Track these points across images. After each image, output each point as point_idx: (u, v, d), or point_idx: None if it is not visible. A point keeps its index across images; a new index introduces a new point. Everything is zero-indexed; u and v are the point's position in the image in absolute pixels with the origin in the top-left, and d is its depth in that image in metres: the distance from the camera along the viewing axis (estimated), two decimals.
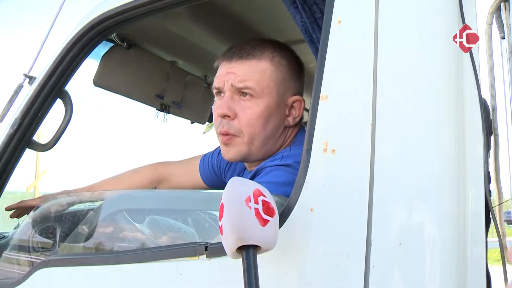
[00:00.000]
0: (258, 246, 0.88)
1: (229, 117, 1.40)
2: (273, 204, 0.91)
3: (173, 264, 1.09)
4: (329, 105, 1.01)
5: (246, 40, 1.48)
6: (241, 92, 1.40)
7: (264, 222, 0.88)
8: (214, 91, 1.47)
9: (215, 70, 1.49)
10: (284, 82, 1.43)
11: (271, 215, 0.89)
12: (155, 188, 1.98)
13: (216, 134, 1.48)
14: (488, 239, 0.99)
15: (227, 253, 0.90)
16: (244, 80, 1.39)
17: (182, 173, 1.96)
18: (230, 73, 1.41)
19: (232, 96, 1.41)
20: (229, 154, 1.45)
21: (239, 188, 0.92)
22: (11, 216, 1.92)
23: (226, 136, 1.42)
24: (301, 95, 1.48)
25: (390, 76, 0.99)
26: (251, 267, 0.86)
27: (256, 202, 0.89)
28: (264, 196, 0.91)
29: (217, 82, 1.45)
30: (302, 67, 1.51)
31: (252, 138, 1.41)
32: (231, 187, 0.92)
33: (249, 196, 0.89)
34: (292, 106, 1.46)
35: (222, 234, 0.90)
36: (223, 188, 1.84)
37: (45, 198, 1.93)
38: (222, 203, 0.91)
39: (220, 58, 1.47)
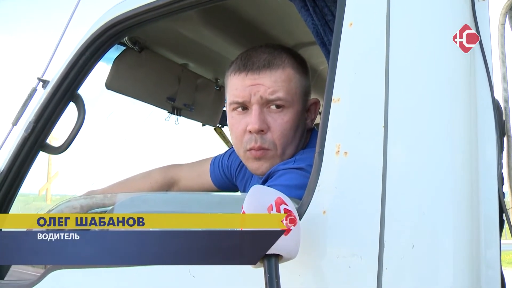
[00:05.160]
0: (280, 255, 0.88)
1: (263, 131, 1.36)
2: (295, 213, 0.91)
3: (186, 266, 1.10)
4: (341, 107, 1.02)
5: (255, 48, 1.44)
6: (270, 103, 1.36)
7: (286, 231, 0.88)
8: (234, 105, 1.39)
9: (227, 82, 1.44)
10: (304, 86, 1.43)
11: (293, 224, 0.89)
12: (166, 191, 1.97)
13: (240, 150, 1.42)
14: (502, 241, 0.99)
15: None
16: (276, 91, 1.35)
17: (192, 176, 1.95)
18: (258, 85, 1.35)
19: (262, 109, 1.36)
20: (261, 168, 1.39)
21: (261, 196, 0.92)
22: None
23: (260, 150, 1.37)
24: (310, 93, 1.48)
25: (402, 78, 0.99)
26: (273, 276, 0.86)
27: (278, 211, 0.89)
28: (286, 204, 0.90)
29: (239, 96, 1.37)
30: (307, 66, 1.49)
31: (285, 149, 1.38)
32: (252, 195, 0.92)
33: (271, 205, 0.89)
34: (309, 109, 1.46)
35: None
36: (234, 190, 1.85)
37: None
38: (243, 211, 0.90)
39: (236, 69, 1.40)
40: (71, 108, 1.63)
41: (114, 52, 1.90)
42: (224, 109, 2.56)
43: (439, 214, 0.92)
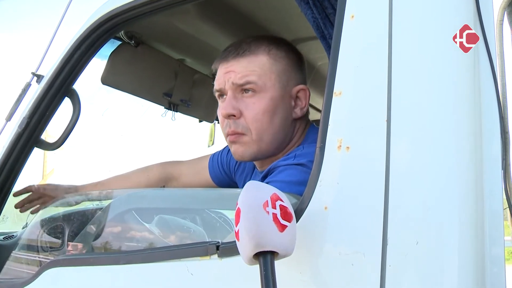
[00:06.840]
0: (275, 252, 0.86)
1: (235, 116, 1.38)
2: (291, 209, 0.89)
3: (184, 264, 1.08)
4: (342, 101, 0.99)
5: (240, 39, 1.47)
6: (243, 89, 1.38)
7: (282, 227, 0.86)
8: (216, 94, 1.46)
9: (214, 75, 1.48)
10: (285, 73, 1.42)
11: (289, 220, 0.87)
12: (163, 187, 1.96)
13: (224, 138, 1.46)
14: None
15: (243, 259, 0.88)
16: (245, 76, 1.37)
17: (191, 172, 1.94)
18: (230, 72, 1.39)
19: (235, 95, 1.39)
20: (238, 152, 1.42)
21: (256, 192, 0.89)
22: (21, 211, 1.91)
23: (234, 135, 1.39)
24: (305, 84, 1.47)
25: (405, 72, 0.97)
26: (269, 274, 0.84)
27: (274, 207, 0.87)
28: (282, 200, 0.88)
29: (217, 84, 1.44)
30: (301, 58, 1.50)
31: (261, 135, 1.38)
32: (247, 191, 0.89)
33: (267, 201, 0.87)
34: (297, 97, 1.44)
35: (238, 240, 0.88)
36: (232, 187, 1.84)
37: (52, 186, 1.93)
38: (238, 208, 0.88)
39: (217, 61, 1.46)
40: (66, 103, 1.61)
41: (109, 47, 1.88)
42: None
43: (443, 210, 0.90)
